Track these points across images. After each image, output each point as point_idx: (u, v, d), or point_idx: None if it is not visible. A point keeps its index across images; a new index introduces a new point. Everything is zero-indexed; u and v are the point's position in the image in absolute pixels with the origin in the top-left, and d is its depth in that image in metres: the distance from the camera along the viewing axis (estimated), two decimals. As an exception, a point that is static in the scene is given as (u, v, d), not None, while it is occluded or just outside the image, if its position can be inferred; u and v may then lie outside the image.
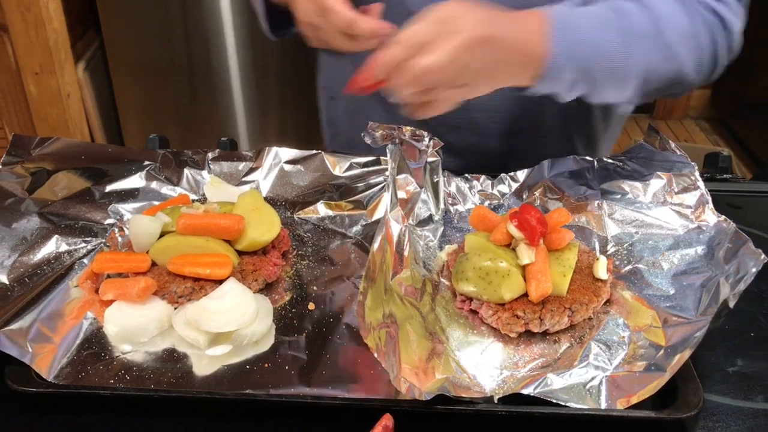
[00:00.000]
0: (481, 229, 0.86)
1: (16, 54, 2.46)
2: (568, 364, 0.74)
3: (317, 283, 0.87)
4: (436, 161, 0.94)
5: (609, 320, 0.80)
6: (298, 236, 0.94)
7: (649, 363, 0.73)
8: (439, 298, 0.84)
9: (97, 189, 0.98)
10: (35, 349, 0.74)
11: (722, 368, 0.76)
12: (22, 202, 0.93)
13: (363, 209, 0.98)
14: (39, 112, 2.56)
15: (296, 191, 1.01)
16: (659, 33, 0.85)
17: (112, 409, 0.71)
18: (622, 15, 0.85)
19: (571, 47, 0.82)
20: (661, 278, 0.84)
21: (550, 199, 0.97)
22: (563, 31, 0.82)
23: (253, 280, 0.84)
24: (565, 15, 0.83)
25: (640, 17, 0.85)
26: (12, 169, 0.99)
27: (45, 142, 1.03)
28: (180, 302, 0.81)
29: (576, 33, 0.82)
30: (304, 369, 0.74)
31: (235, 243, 0.86)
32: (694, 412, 0.67)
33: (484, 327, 0.80)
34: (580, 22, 0.83)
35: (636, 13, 0.85)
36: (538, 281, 0.78)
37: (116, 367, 0.74)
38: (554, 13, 0.82)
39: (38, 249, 0.87)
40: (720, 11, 0.90)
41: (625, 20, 0.84)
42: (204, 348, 0.76)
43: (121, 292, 0.80)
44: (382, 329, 0.72)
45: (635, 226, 0.92)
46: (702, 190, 0.92)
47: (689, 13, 0.88)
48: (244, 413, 0.71)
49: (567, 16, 0.83)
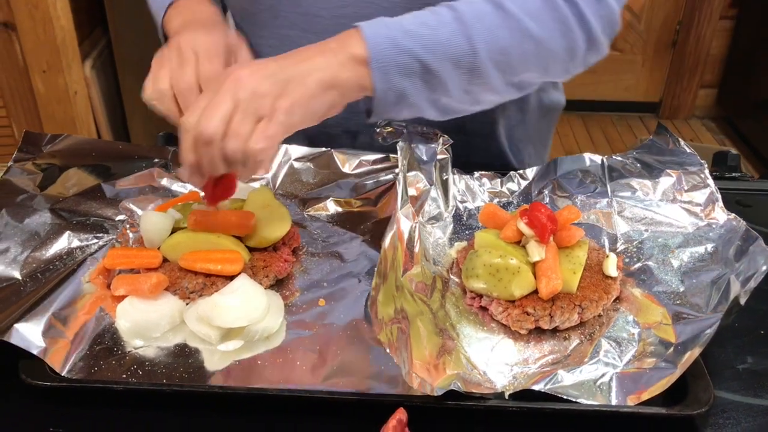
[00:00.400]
0: (491, 226, 0.86)
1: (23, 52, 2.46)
2: (579, 361, 0.74)
3: (327, 279, 0.87)
4: (445, 159, 0.95)
5: (619, 317, 0.80)
6: (308, 233, 0.95)
7: (659, 360, 0.73)
8: (449, 295, 0.84)
9: (108, 185, 0.99)
10: (48, 344, 0.74)
11: (732, 365, 0.76)
12: (33, 199, 0.94)
13: (373, 206, 0.99)
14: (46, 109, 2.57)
15: (306, 188, 1.02)
16: (499, 7, 0.83)
17: (125, 404, 0.71)
18: (449, 7, 0.83)
19: (392, 38, 0.79)
20: (671, 275, 0.84)
21: (560, 197, 0.98)
22: (376, 28, 0.80)
23: (264, 276, 0.84)
24: (377, 20, 0.81)
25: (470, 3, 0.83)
26: (23, 165, 0.99)
27: (56, 139, 1.04)
28: (191, 298, 0.81)
29: (393, 28, 0.80)
30: (316, 364, 0.74)
31: (246, 239, 0.86)
32: (704, 409, 0.67)
33: (494, 324, 0.80)
34: (397, 20, 0.81)
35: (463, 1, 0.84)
36: (548, 278, 0.78)
37: (128, 361, 0.75)
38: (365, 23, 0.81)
39: (50, 245, 0.88)
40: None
41: (452, 10, 0.82)
42: (215, 343, 0.77)
43: (133, 287, 0.80)
44: (394, 325, 0.72)
45: (645, 224, 0.92)
46: (711, 188, 0.92)
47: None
48: (255, 408, 0.71)
49: (380, 20, 0.81)
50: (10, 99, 2.55)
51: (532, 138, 1.22)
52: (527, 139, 1.21)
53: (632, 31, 3.57)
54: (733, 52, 3.51)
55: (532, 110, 1.17)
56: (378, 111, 0.82)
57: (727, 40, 3.50)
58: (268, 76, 0.75)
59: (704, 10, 3.41)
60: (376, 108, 0.82)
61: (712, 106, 3.71)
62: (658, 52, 3.63)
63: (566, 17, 0.85)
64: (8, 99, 2.55)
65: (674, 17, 3.52)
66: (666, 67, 3.65)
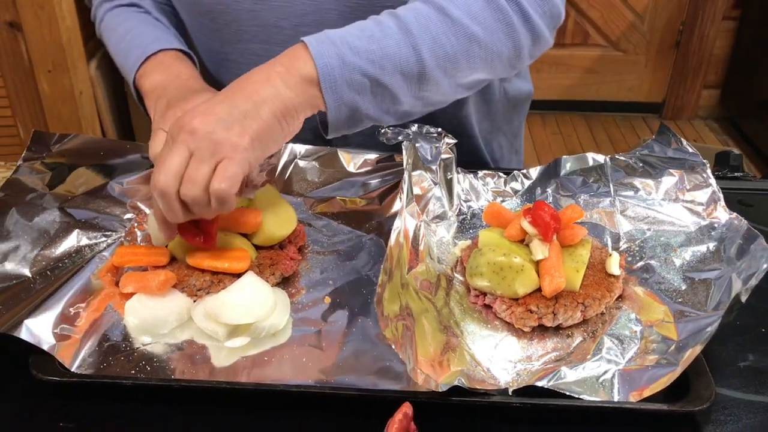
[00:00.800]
0: (495, 225, 0.87)
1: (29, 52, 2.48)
2: (581, 358, 0.75)
3: (333, 277, 0.88)
4: (449, 158, 0.96)
5: (621, 315, 0.81)
6: (313, 231, 0.96)
7: (660, 357, 0.74)
8: (453, 293, 0.85)
9: (116, 184, 1.00)
10: (58, 340, 0.75)
11: (734, 363, 0.77)
12: (42, 197, 0.95)
13: (377, 205, 1.00)
14: (52, 109, 2.58)
15: (311, 187, 1.03)
16: (443, 13, 0.83)
17: (134, 399, 0.72)
18: (394, 16, 0.83)
19: (340, 55, 0.79)
20: (673, 274, 0.85)
21: (563, 196, 0.98)
22: (323, 45, 0.79)
23: (271, 274, 0.85)
24: (323, 35, 0.81)
25: (414, 10, 0.83)
26: (32, 165, 1.01)
27: (64, 138, 1.05)
28: (199, 295, 0.82)
29: (340, 44, 0.79)
30: (321, 361, 0.75)
31: (253, 237, 0.87)
32: (706, 406, 0.68)
33: (497, 321, 0.81)
34: (343, 35, 0.81)
35: (409, 8, 0.84)
36: (552, 276, 0.79)
37: (137, 358, 0.76)
38: (312, 39, 0.80)
39: (59, 243, 0.89)
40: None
41: (397, 19, 0.82)
42: (223, 340, 0.78)
43: (141, 285, 0.81)
44: (399, 322, 0.73)
45: (647, 223, 0.93)
46: (714, 187, 0.93)
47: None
48: (262, 404, 0.72)
49: (325, 35, 0.81)
50: (16, 99, 2.56)
51: (502, 129, 1.23)
52: (497, 130, 1.22)
53: (635, 31, 3.58)
54: (736, 52, 3.52)
55: (497, 101, 1.18)
56: (333, 128, 0.83)
57: (730, 41, 3.51)
58: (221, 119, 0.75)
59: (707, 11, 3.42)
60: (332, 125, 0.83)
61: (716, 106, 3.71)
62: (661, 53, 3.63)
63: (510, 18, 0.86)
64: (14, 99, 2.56)
65: (677, 18, 3.53)
66: (669, 67, 3.66)
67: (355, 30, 0.82)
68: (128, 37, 1.04)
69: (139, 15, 1.08)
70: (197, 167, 0.75)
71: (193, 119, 0.75)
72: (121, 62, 1.05)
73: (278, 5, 0.97)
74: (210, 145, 0.75)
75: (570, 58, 3.59)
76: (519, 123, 1.30)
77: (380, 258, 0.89)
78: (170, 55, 1.01)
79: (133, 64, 1.01)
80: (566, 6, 0.93)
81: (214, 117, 0.75)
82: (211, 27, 1.03)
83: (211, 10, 1.01)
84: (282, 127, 0.79)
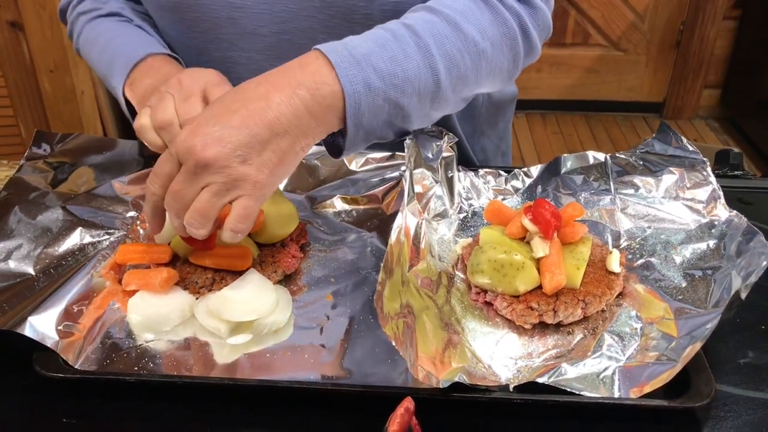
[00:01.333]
0: (496, 222, 0.88)
1: (31, 51, 2.48)
2: (582, 355, 0.76)
3: (334, 275, 0.88)
4: (450, 157, 0.96)
5: (622, 312, 0.81)
6: (315, 229, 0.96)
7: (661, 354, 0.74)
8: (454, 290, 0.86)
9: (119, 182, 1.00)
10: (62, 337, 0.76)
11: (734, 360, 0.77)
12: (45, 196, 0.96)
13: (379, 203, 1.00)
14: (53, 109, 2.59)
15: (313, 186, 1.03)
16: (457, 29, 0.82)
17: (137, 395, 0.73)
18: (411, 31, 0.80)
19: (366, 81, 0.75)
20: (674, 271, 0.85)
21: (564, 194, 0.99)
22: (349, 67, 0.75)
23: (273, 272, 0.85)
24: (346, 53, 0.76)
25: (429, 24, 0.82)
26: (35, 164, 1.01)
27: (67, 137, 1.06)
28: (201, 292, 0.83)
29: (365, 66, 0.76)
30: (323, 357, 0.76)
31: (255, 235, 0.88)
32: (706, 402, 0.68)
33: (498, 318, 0.81)
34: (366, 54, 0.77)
35: (421, 19, 0.82)
36: (552, 274, 0.79)
37: (140, 354, 0.76)
38: (324, 47, 0.77)
39: (63, 241, 0.89)
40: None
41: (415, 35, 0.80)
42: (225, 337, 0.78)
43: (144, 282, 0.82)
44: (399, 319, 0.73)
45: (648, 221, 0.93)
46: (714, 185, 0.93)
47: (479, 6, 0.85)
48: (264, 400, 0.72)
49: (348, 53, 0.76)
50: (17, 98, 2.57)
51: (486, 133, 1.23)
52: (479, 133, 1.22)
53: (636, 31, 3.58)
54: (736, 52, 3.52)
55: (480, 105, 1.18)
56: (348, 152, 0.81)
57: (730, 41, 3.51)
58: (238, 150, 0.71)
59: (708, 11, 3.42)
60: (347, 150, 0.81)
61: (716, 106, 3.72)
62: (661, 53, 3.64)
63: (514, 32, 0.87)
64: (15, 98, 2.57)
65: (678, 17, 3.53)
66: (670, 67, 3.66)
67: (376, 47, 0.78)
68: (112, 46, 1.00)
69: (120, 23, 1.04)
70: (212, 202, 0.72)
71: (206, 148, 0.70)
72: (106, 73, 1.00)
73: (256, 12, 0.94)
74: (227, 182, 0.71)
75: (570, 58, 3.59)
76: (505, 125, 1.29)
77: (381, 256, 0.89)
78: (159, 59, 0.96)
79: (120, 73, 0.96)
80: (567, 5, 0.95)
81: (231, 147, 0.70)
82: (188, 35, 1.00)
83: (185, 18, 0.98)
84: (298, 157, 0.77)
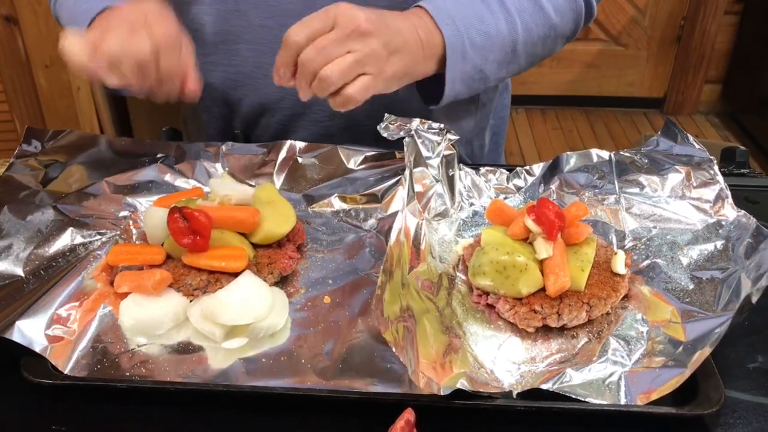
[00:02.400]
0: (498, 222, 0.86)
1: (26, 47, 2.46)
2: (587, 360, 0.73)
3: (332, 276, 0.86)
4: (451, 155, 0.94)
5: (627, 315, 0.79)
6: (312, 229, 0.94)
7: (668, 359, 0.72)
8: (455, 293, 0.83)
9: (111, 181, 0.98)
10: (51, 341, 0.74)
11: (742, 364, 0.75)
12: (36, 195, 0.93)
13: (377, 203, 0.98)
14: (49, 105, 2.57)
15: (310, 185, 1.01)
16: (537, 3, 0.93)
17: (128, 401, 0.71)
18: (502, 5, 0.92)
19: (462, 50, 0.88)
20: (680, 273, 0.83)
21: (567, 193, 0.97)
22: (452, 30, 0.87)
23: (269, 273, 0.83)
24: (449, 18, 0.88)
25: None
26: (26, 161, 0.99)
27: (59, 134, 1.03)
28: (195, 295, 0.80)
29: (464, 34, 0.88)
30: (321, 362, 0.73)
31: (251, 236, 0.85)
32: (715, 409, 0.66)
33: (501, 321, 0.79)
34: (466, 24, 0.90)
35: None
36: (556, 276, 0.77)
37: (132, 359, 0.74)
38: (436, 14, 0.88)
39: (53, 241, 0.87)
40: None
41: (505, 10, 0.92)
42: (220, 341, 0.76)
43: (137, 284, 0.79)
44: (399, 323, 0.71)
45: (653, 221, 0.91)
46: (721, 184, 0.91)
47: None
48: (260, 406, 0.70)
49: (451, 18, 0.89)
50: (13, 94, 2.55)
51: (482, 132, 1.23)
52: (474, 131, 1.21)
53: (637, 26, 3.56)
54: (737, 47, 3.50)
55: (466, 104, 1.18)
56: (436, 110, 0.95)
57: (731, 36, 3.49)
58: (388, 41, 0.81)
59: (709, 6, 3.39)
60: (437, 108, 0.93)
61: (717, 101, 3.69)
62: (662, 48, 3.61)
63: (580, 6, 0.96)
64: (11, 94, 2.54)
65: (679, 12, 3.51)
66: (670, 62, 3.64)
67: (475, 20, 0.89)
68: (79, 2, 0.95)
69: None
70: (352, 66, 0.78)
71: (369, 22, 0.79)
72: (72, 17, 0.96)
73: (264, 4, 0.94)
74: (370, 55, 0.79)
75: (571, 53, 3.56)
76: (502, 124, 1.30)
77: (380, 256, 0.87)
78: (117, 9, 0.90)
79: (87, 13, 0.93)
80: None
81: (384, 35, 0.80)
82: (191, 27, 0.98)
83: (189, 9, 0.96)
84: (402, 81, 0.87)
